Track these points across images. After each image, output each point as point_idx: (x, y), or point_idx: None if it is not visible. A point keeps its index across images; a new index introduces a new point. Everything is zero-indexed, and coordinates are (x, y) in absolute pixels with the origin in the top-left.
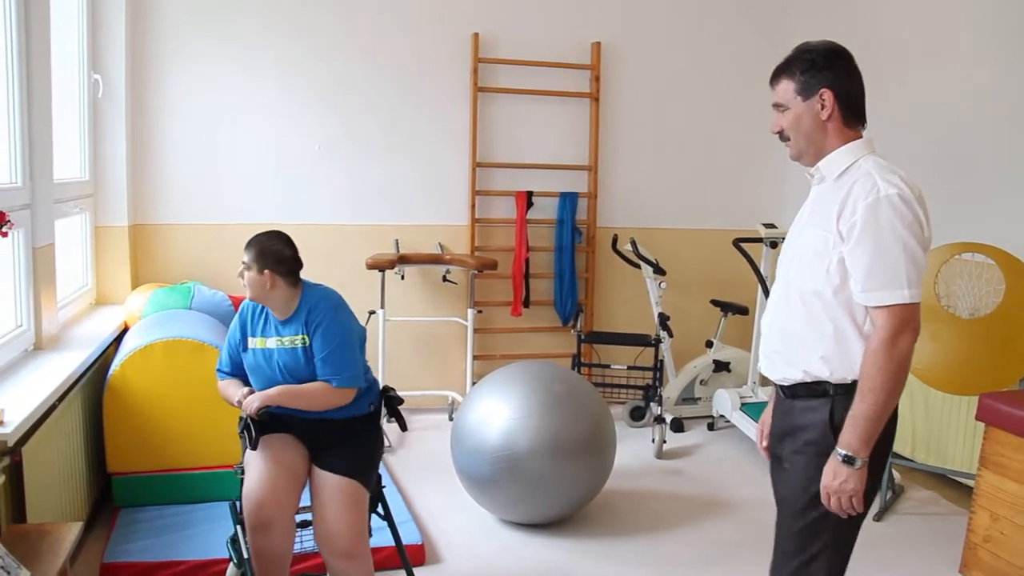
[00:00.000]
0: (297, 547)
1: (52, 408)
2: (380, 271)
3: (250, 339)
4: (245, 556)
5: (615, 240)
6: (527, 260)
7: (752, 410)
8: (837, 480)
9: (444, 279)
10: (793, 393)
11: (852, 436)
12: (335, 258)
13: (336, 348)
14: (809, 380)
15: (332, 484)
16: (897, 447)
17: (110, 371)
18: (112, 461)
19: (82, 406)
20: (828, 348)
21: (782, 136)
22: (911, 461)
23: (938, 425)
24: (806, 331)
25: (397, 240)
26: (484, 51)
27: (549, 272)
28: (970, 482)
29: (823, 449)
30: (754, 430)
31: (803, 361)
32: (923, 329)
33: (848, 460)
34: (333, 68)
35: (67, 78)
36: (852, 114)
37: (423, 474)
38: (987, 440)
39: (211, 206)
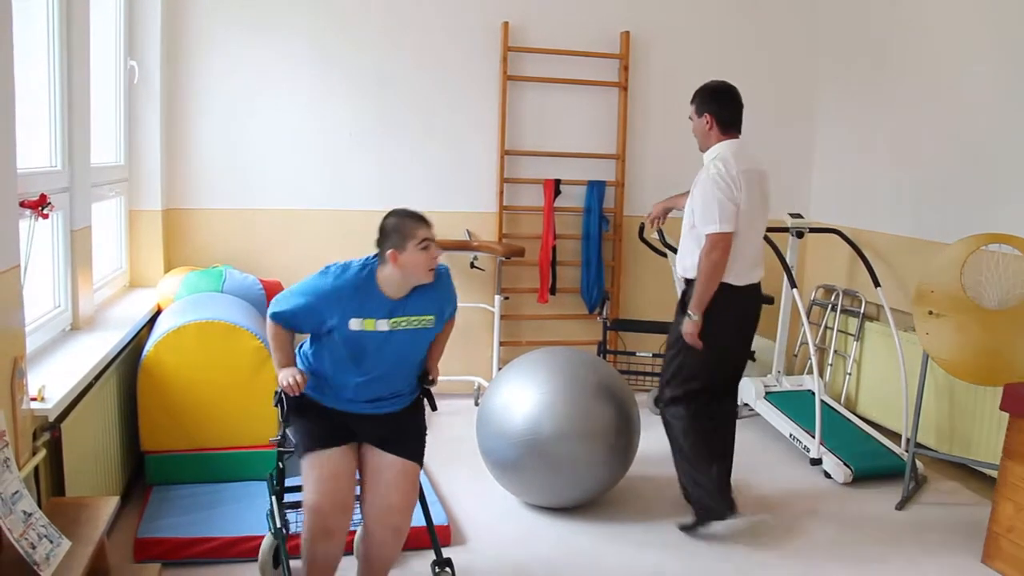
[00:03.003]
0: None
1: (89, 387)
2: None
3: (354, 320)
4: (278, 525)
5: (642, 228)
6: (554, 248)
7: (776, 399)
8: (685, 326)
9: (472, 265)
10: (687, 283)
11: (692, 302)
12: (365, 243)
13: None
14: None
15: (396, 466)
16: (920, 437)
17: (144, 352)
18: (145, 440)
19: (117, 386)
20: (691, 259)
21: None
22: (935, 452)
23: (963, 416)
24: (687, 250)
25: None
26: (513, 40)
27: (576, 260)
28: (994, 473)
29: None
30: (779, 419)
31: (684, 267)
32: (948, 319)
33: (688, 315)
34: (365, 56)
35: (104, 65)
36: (726, 127)
37: (448, 457)
38: (1011, 430)
39: (243, 191)
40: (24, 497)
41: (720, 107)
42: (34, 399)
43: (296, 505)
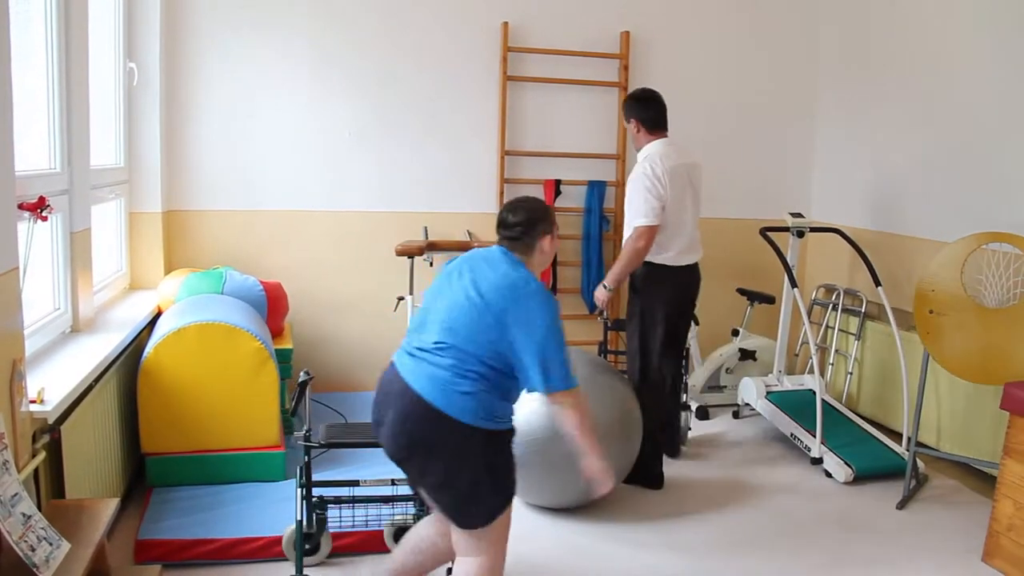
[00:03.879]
0: (338, 527)
1: (89, 389)
2: (409, 258)
3: None
4: (300, 518)
5: None
6: None
7: (778, 398)
8: (597, 292)
9: None
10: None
11: (609, 276)
12: (366, 245)
13: None
14: None
15: None
16: (921, 436)
17: (144, 354)
18: (146, 441)
19: (117, 387)
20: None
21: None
22: (936, 450)
23: (964, 415)
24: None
25: (426, 227)
26: (513, 40)
27: (576, 260)
28: (995, 471)
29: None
30: (780, 419)
31: None
32: (949, 318)
33: (604, 286)
34: (365, 57)
35: (103, 67)
36: (652, 128)
37: None
38: (1011, 429)
39: (243, 193)
40: (23, 499)
41: (643, 111)
42: (33, 401)
43: (336, 501)
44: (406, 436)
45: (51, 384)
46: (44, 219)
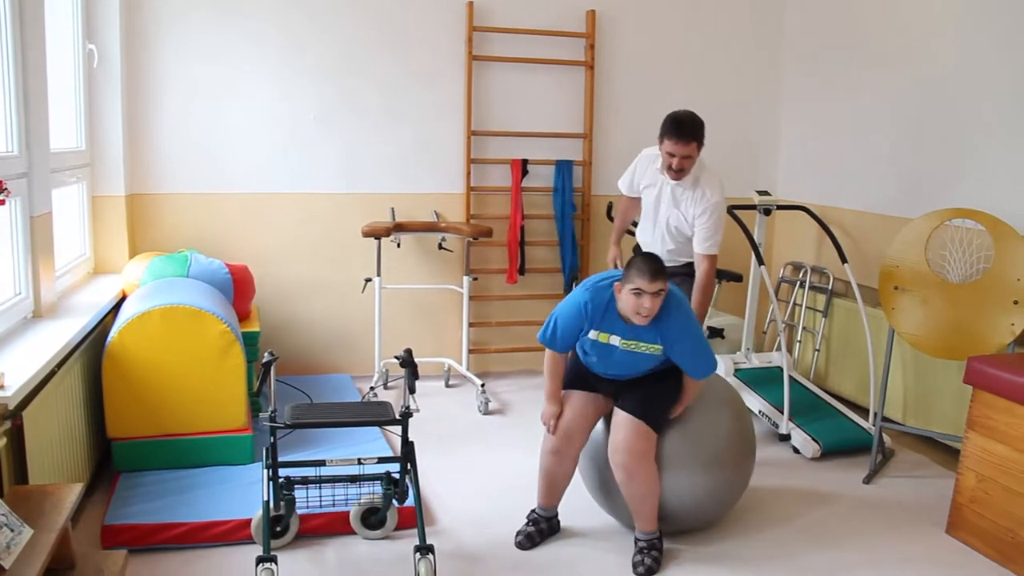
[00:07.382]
0: (305, 509)
1: (52, 374)
2: (376, 239)
3: (592, 331)
4: (265, 498)
5: (610, 208)
6: (522, 228)
7: (746, 376)
8: None
9: (440, 247)
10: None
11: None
12: (332, 226)
13: (700, 348)
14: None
15: (620, 415)
16: (888, 411)
17: (109, 338)
18: (112, 426)
19: (82, 372)
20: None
21: (684, 171)
22: (901, 425)
23: (928, 389)
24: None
25: (393, 208)
26: (479, 20)
27: (546, 240)
28: (959, 445)
29: None
30: (748, 396)
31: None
32: (914, 294)
33: None
34: (330, 37)
35: (62, 48)
36: None
37: (418, 438)
38: (974, 403)
39: (208, 175)
40: None
41: None
42: None
43: (303, 481)
44: None
45: (12, 369)
46: (1, 203)
